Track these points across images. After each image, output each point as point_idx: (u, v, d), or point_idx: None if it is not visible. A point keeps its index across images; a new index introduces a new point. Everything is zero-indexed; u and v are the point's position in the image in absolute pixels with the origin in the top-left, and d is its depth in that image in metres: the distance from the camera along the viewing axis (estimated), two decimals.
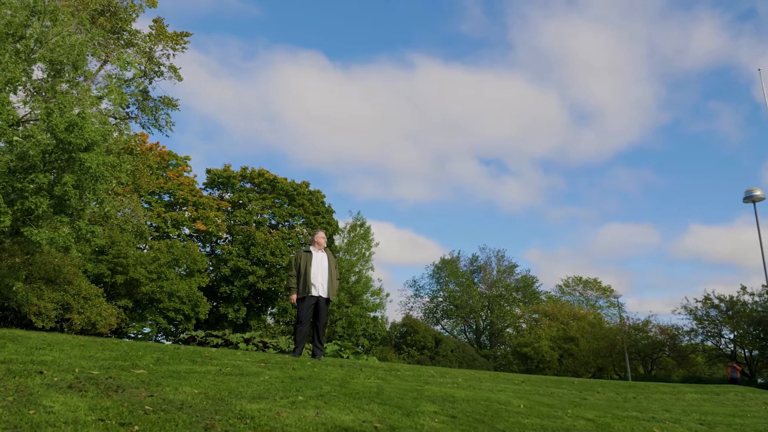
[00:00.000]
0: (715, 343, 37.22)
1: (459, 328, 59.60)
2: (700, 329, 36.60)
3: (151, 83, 22.90)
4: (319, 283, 8.28)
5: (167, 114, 23.77)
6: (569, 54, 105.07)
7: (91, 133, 12.82)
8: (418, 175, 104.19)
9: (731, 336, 35.49)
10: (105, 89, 16.48)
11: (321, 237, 8.64)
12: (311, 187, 38.44)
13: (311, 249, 8.54)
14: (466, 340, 55.64)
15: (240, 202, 37.08)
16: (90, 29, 17.47)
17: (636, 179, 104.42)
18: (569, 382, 11.05)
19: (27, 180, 12.42)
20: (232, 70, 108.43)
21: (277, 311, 36.41)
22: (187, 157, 35.36)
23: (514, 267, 58.64)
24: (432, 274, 60.27)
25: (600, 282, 62.11)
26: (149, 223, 29.07)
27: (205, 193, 36.39)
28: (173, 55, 23.13)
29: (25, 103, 14.89)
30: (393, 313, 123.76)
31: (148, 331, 29.42)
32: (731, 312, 34.20)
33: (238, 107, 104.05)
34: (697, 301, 36.40)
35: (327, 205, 39.01)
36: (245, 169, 37.82)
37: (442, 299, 58.79)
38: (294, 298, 8.26)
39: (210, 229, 33.42)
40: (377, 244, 42.55)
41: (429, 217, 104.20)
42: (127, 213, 23.12)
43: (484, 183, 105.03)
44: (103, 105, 17.37)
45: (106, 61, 21.47)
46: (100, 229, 15.64)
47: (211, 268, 34.40)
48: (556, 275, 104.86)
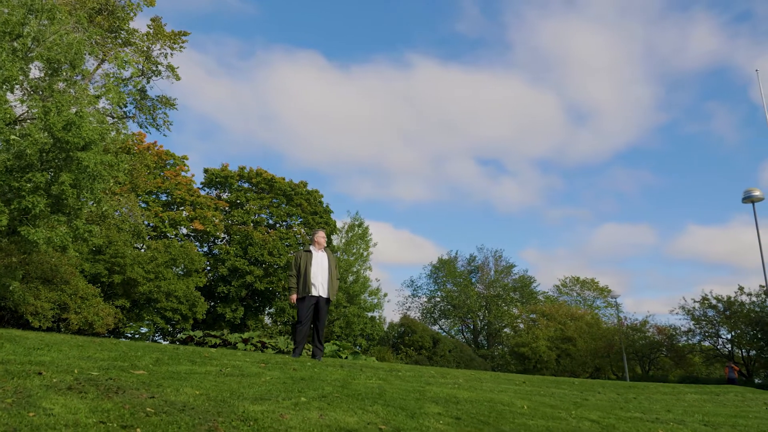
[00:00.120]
0: (712, 343, 37.29)
1: (456, 328, 59.58)
2: (697, 329, 36.66)
3: (148, 82, 22.85)
4: (319, 282, 8.23)
5: (165, 113, 23.71)
6: (567, 54, 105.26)
7: (89, 132, 12.74)
8: (415, 175, 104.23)
9: (729, 336, 35.54)
10: (103, 88, 16.39)
11: (321, 236, 8.58)
12: (309, 187, 38.38)
13: (311, 249, 8.49)
14: (464, 340, 55.62)
15: (238, 201, 36.98)
16: (87, 28, 17.38)
17: (633, 179, 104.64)
18: (569, 382, 11.02)
19: (24, 179, 12.34)
20: (229, 70, 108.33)
21: (275, 311, 36.31)
22: (184, 157, 35.27)
23: (511, 267, 58.67)
24: (430, 274, 60.28)
25: (597, 282, 62.21)
26: (146, 222, 28.95)
27: (202, 192, 36.30)
28: (171, 55, 23.07)
29: (22, 101, 14.80)
30: (391, 313, 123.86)
31: (146, 331, 29.31)
32: (729, 312, 34.24)
33: (235, 107, 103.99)
34: (694, 301, 36.47)
35: (325, 205, 38.95)
36: (243, 168, 37.73)
37: (439, 299, 58.77)
38: (294, 298, 8.20)
39: (207, 229, 33.33)
40: (375, 244, 42.55)
41: (426, 217, 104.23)
42: (125, 212, 23.02)
43: (481, 183, 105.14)
44: (101, 104, 17.28)
45: (103, 60, 21.38)
46: (98, 228, 15.57)
47: (209, 267, 34.30)
48: (553, 275, 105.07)
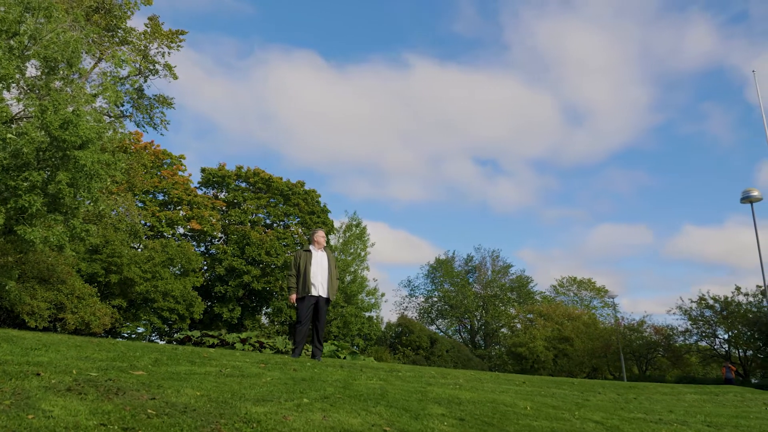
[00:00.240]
0: (709, 343, 37.31)
1: (454, 328, 59.58)
2: (694, 329, 36.67)
3: (146, 81, 22.73)
4: (319, 282, 8.17)
5: (162, 112, 23.60)
6: (563, 54, 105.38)
7: (86, 131, 12.66)
8: (412, 175, 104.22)
9: (725, 336, 35.58)
10: (100, 87, 16.31)
11: (321, 236, 8.52)
12: (306, 187, 38.32)
13: (311, 248, 8.43)
14: (461, 340, 55.60)
15: (235, 201, 36.89)
16: (84, 26, 17.28)
17: (629, 180, 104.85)
18: (569, 382, 10.99)
19: (21, 178, 12.26)
20: (227, 69, 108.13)
21: (272, 311, 36.25)
22: (181, 156, 35.15)
23: (508, 267, 58.69)
24: (427, 274, 60.27)
25: (594, 282, 62.25)
26: (143, 222, 28.85)
27: (199, 192, 36.21)
28: (168, 54, 22.95)
29: (18, 100, 14.71)
30: (388, 313, 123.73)
31: (142, 331, 29.21)
32: (726, 312, 34.27)
33: (232, 106, 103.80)
34: (692, 301, 36.49)
35: (322, 205, 38.89)
36: (240, 168, 37.65)
37: (437, 299, 58.76)
38: (293, 297, 8.14)
39: (205, 229, 33.22)
40: (373, 244, 42.52)
41: (423, 217, 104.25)
42: (122, 212, 22.93)
43: (478, 183, 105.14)
44: (98, 103, 17.20)
45: (100, 59, 21.28)
46: (95, 228, 15.47)
47: (206, 267, 34.20)
48: (550, 275, 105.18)
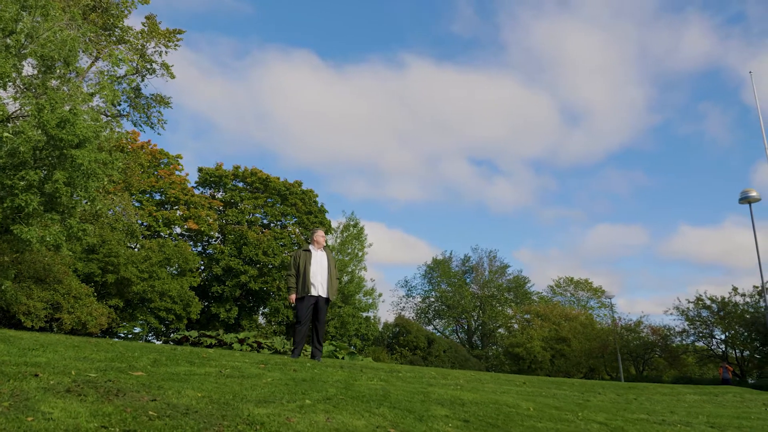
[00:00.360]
0: (706, 343, 37.36)
1: (451, 329, 59.57)
2: (691, 330, 36.72)
3: (143, 80, 22.61)
4: (319, 282, 8.11)
5: (159, 112, 23.50)
6: (561, 55, 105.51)
7: (83, 130, 12.58)
8: (409, 175, 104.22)
9: (722, 337, 35.63)
10: (97, 86, 16.23)
11: (320, 236, 8.46)
12: (304, 187, 38.24)
13: (310, 248, 8.37)
14: (458, 341, 55.59)
15: (232, 201, 36.80)
16: (82, 25, 17.19)
17: (626, 180, 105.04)
18: (569, 383, 10.96)
19: (17, 177, 12.17)
20: (223, 69, 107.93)
21: (269, 311, 36.16)
22: (178, 156, 35.03)
23: (506, 267, 58.73)
24: (424, 274, 60.27)
25: (591, 282, 62.36)
26: (140, 221, 28.74)
27: (196, 192, 36.08)
28: (166, 53, 22.83)
29: (15, 99, 14.63)
30: (385, 313, 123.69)
31: (139, 331, 29.10)
32: (723, 313, 34.32)
33: (229, 106, 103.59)
34: (689, 302, 36.53)
35: (320, 205, 38.82)
36: (237, 168, 37.55)
37: (434, 299, 58.76)
38: (293, 297, 8.08)
39: (202, 228, 33.12)
40: (371, 245, 42.47)
41: (420, 217, 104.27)
42: (118, 211, 22.83)
43: (475, 183, 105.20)
44: (95, 102, 17.11)
45: (97, 58, 21.18)
46: (91, 227, 15.38)
47: (203, 267, 34.10)
48: (547, 276, 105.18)
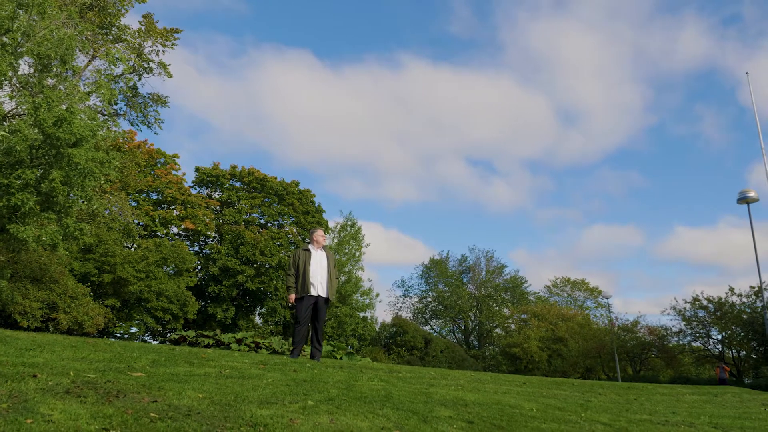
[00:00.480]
0: (703, 344, 37.43)
1: (448, 329, 59.54)
2: (688, 330, 36.79)
3: (140, 79, 22.52)
4: (318, 282, 8.05)
5: (156, 111, 23.41)
6: (557, 56, 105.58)
7: (80, 129, 12.51)
8: (406, 176, 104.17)
9: (719, 337, 35.70)
10: (94, 84, 16.14)
11: (320, 235, 8.41)
12: (301, 187, 38.17)
13: (310, 247, 8.31)
14: (455, 341, 55.57)
15: (229, 200, 36.70)
16: (78, 23, 17.10)
17: (622, 181, 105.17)
18: (569, 383, 10.94)
19: (13, 176, 12.08)
20: (220, 69, 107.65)
21: (266, 311, 36.08)
22: (175, 155, 34.93)
23: (503, 267, 58.69)
24: (421, 274, 60.19)
25: (588, 283, 62.37)
26: (137, 221, 28.63)
27: (193, 191, 35.97)
28: (163, 52, 22.75)
29: (11, 97, 14.55)
30: (382, 313, 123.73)
31: (135, 331, 28.99)
32: (719, 313, 34.38)
33: (225, 106, 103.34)
34: (686, 302, 36.60)
35: (317, 205, 38.75)
36: (234, 167, 37.45)
37: (431, 299, 58.69)
38: (292, 297, 8.02)
39: (199, 228, 33.02)
40: (368, 245, 42.40)
41: (417, 217, 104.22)
42: (115, 211, 22.73)
43: (471, 184, 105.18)
44: (92, 101, 17.02)
45: (94, 57, 21.08)
46: (88, 226, 15.30)
47: (200, 267, 34.00)
48: (543, 276, 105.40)
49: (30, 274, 17.04)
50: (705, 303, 35.37)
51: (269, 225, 37.16)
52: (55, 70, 15.15)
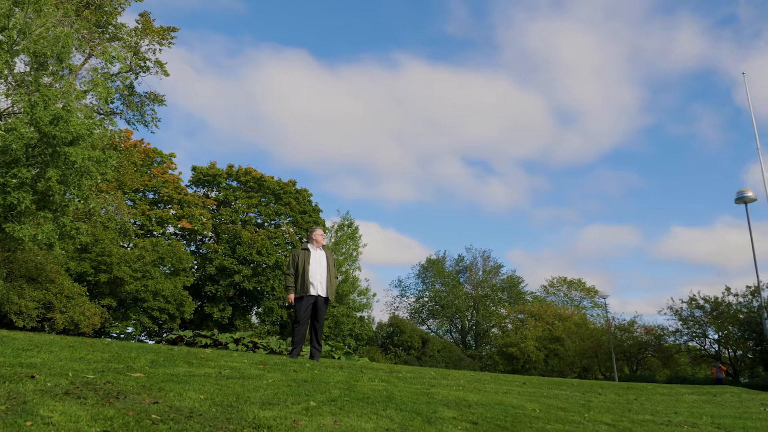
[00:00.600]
0: (699, 343, 37.49)
1: (444, 328, 59.53)
2: (685, 330, 36.84)
3: (137, 78, 22.43)
4: (318, 281, 8.00)
5: (153, 110, 23.32)
6: (554, 56, 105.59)
7: (77, 127, 12.42)
8: (403, 175, 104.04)
9: (716, 336, 35.76)
10: (90, 83, 16.05)
11: (319, 234, 8.35)
12: (298, 186, 38.09)
13: (309, 247, 8.25)
14: (452, 340, 55.57)
15: (226, 200, 36.60)
16: (75, 21, 17.02)
17: (619, 181, 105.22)
18: (568, 383, 10.91)
19: (9, 174, 12.00)
20: (217, 68, 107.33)
21: (263, 311, 35.99)
22: (172, 155, 34.78)
23: (499, 267, 58.71)
24: (418, 274, 60.16)
25: (584, 283, 62.40)
26: (133, 220, 28.51)
27: (190, 191, 35.84)
28: (160, 50, 22.66)
29: (7, 95, 14.44)
30: (379, 313, 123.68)
31: (132, 331, 28.87)
32: (716, 313, 34.42)
33: (223, 105, 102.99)
34: (682, 302, 36.63)
35: (314, 204, 38.68)
36: (231, 167, 37.34)
37: (427, 299, 58.67)
38: (292, 297, 7.97)
39: (195, 228, 32.90)
40: (365, 245, 42.35)
41: (413, 217, 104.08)
42: (111, 210, 22.63)
43: (468, 183, 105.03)
44: (88, 99, 16.94)
45: (90, 55, 20.98)
46: (85, 226, 15.21)
47: (196, 267, 33.88)
48: (540, 276, 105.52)
49: (26, 273, 16.93)
50: (702, 303, 35.40)
51: (266, 225, 37.07)
52: (51, 68, 15.07)
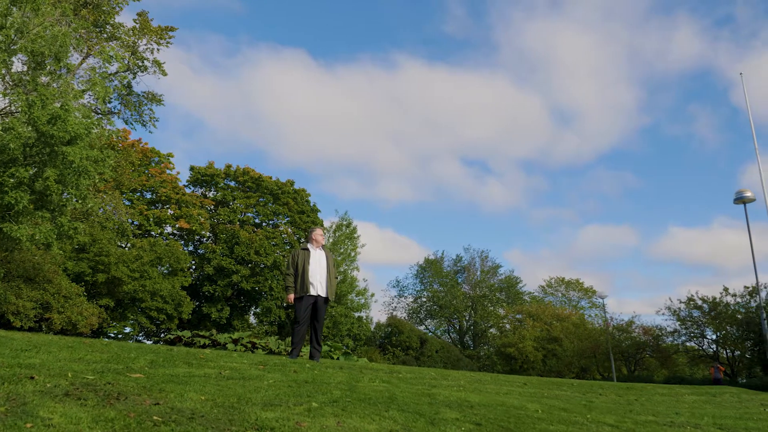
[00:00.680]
0: (697, 343, 37.50)
1: (443, 329, 59.53)
2: (683, 330, 36.84)
3: (134, 78, 22.35)
4: (318, 281, 7.96)
5: (151, 109, 23.24)
6: (552, 56, 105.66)
7: (75, 126, 12.37)
8: (401, 175, 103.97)
9: (713, 337, 35.78)
10: (88, 82, 16.00)
11: (319, 234, 8.31)
12: (296, 186, 38.05)
13: (309, 247, 8.21)
14: (450, 341, 55.55)
15: (224, 200, 36.53)
16: (73, 21, 16.94)
17: (616, 181, 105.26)
18: (569, 383, 10.89)
19: (7, 174, 11.94)
20: (214, 68, 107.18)
21: (261, 311, 35.94)
22: (169, 154, 34.71)
23: (497, 267, 58.71)
24: (416, 274, 60.13)
25: (582, 283, 62.42)
26: (131, 220, 28.44)
27: (188, 191, 35.77)
28: (157, 50, 22.59)
29: (4, 95, 14.39)
30: (377, 313, 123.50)
31: (129, 331, 28.80)
32: (714, 313, 34.44)
33: (220, 105, 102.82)
34: (680, 302, 36.63)
35: (312, 205, 38.64)
36: (229, 167, 37.28)
37: (426, 299, 58.64)
38: (291, 297, 7.93)
39: (193, 228, 32.83)
40: (363, 245, 42.30)
41: (412, 217, 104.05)
42: (109, 210, 22.56)
43: (466, 184, 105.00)
44: (86, 99, 16.88)
45: (88, 55, 20.91)
46: (82, 225, 15.15)
47: (194, 267, 33.80)
48: (537, 276, 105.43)
49: (23, 273, 16.87)
50: (699, 303, 35.40)
51: (264, 225, 37.02)
52: (49, 67, 15.01)
